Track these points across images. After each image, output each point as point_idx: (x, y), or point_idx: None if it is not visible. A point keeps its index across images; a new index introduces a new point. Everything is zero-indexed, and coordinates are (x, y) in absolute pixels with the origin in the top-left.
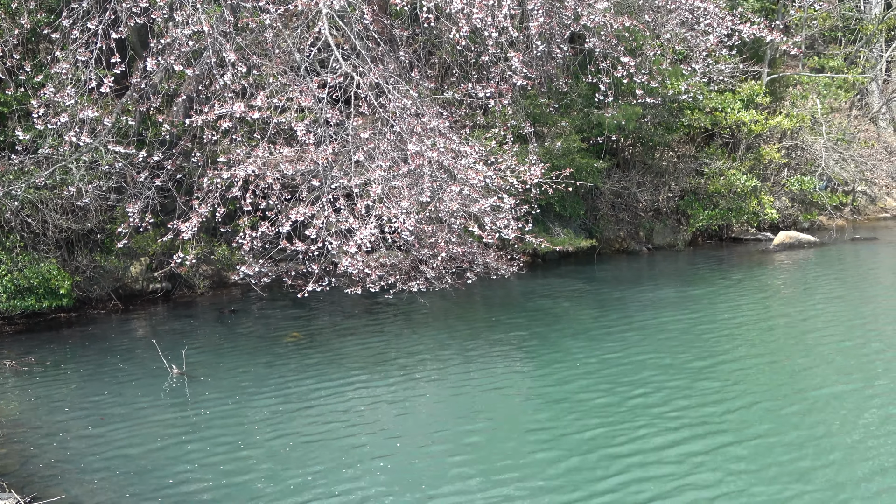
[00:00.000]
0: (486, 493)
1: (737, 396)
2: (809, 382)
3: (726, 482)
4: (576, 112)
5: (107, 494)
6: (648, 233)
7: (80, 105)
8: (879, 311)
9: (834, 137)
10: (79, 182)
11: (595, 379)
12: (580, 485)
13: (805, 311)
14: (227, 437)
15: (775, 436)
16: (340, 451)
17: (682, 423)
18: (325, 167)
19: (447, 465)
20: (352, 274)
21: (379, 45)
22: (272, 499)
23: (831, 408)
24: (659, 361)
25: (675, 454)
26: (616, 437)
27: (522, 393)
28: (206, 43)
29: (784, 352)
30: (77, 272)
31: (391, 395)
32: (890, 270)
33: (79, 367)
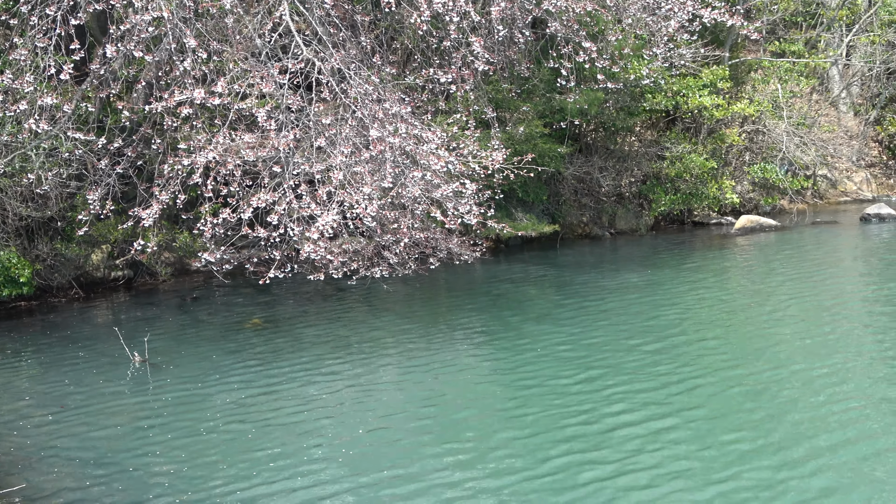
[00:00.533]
0: (446, 472)
1: (689, 378)
2: (762, 364)
3: (667, 462)
4: (538, 97)
5: (68, 482)
6: (611, 218)
7: (39, 92)
8: (837, 294)
9: (795, 122)
10: (38, 169)
11: (555, 362)
12: (535, 464)
13: (764, 295)
14: (188, 425)
15: (722, 416)
16: (303, 437)
17: (633, 404)
18: (287, 153)
19: (409, 447)
20: (314, 260)
21: (340, 31)
22: (234, 485)
23: (780, 388)
24: (619, 345)
25: (623, 434)
26: (570, 417)
27: (483, 376)
28: (165, 29)
29: (740, 334)
30: (37, 260)
31: (353, 381)
32: (849, 254)
33: (39, 356)
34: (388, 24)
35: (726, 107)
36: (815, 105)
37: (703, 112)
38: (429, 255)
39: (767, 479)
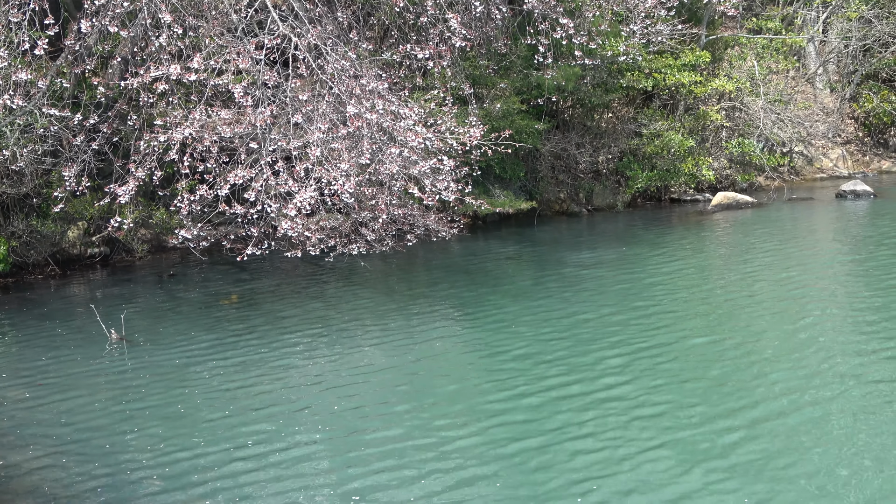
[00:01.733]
0: (422, 440)
1: (659, 346)
2: (732, 334)
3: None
4: (515, 74)
5: (45, 460)
6: (588, 194)
7: (13, 67)
8: (812, 270)
9: (772, 99)
10: (13, 146)
11: (530, 336)
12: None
13: (739, 270)
14: (165, 401)
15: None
16: (280, 411)
17: (604, 372)
18: (264, 130)
19: (385, 415)
20: (291, 237)
21: (317, 7)
22: (211, 461)
23: (748, 356)
24: (593, 318)
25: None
26: (544, 388)
27: (459, 350)
28: (141, 4)
29: (713, 308)
30: (13, 237)
31: (330, 355)
32: (825, 230)
33: (16, 333)
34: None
35: (705, 84)
36: (791, 82)
37: (680, 89)
38: (406, 231)
39: (722, 440)
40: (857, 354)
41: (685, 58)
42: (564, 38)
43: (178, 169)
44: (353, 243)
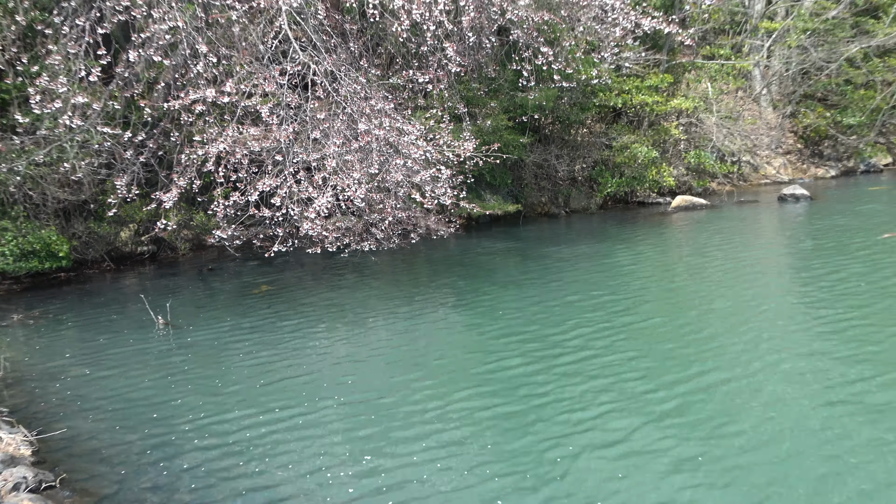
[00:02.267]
0: (421, 404)
1: (626, 326)
2: (688, 314)
3: (589, 392)
4: (503, 95)
5: (101, 427)
6: (566, 198)
7: (72, 92)
8: (755, 259)
9: (723, 115)
10: (73, 159)
11: (517, 319)
12: (492, 392)
13: (694, 262)
14: (204, 375)
15: (643, 350)
16: (301, 382)
17: (576, 346)
18: (287, 144)
19: (391, 384)
20: (312, 236)
21: (332, 38)
22: (243, 424)
23: (686, 332)
24: (570, 303)
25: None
26: (522, 361)
27: (456, 331)
28: (181, 37)
29: (673, 293)
30: (74, 237)
31: (346, 336)
32: (768, 227)
33: (77, 319)
34: (373, 31)
35: (665, 103)
36: (740, 101)
37: (644, 107)
38: (410, 231)
39: (671, 403)
40: (791, 329)
41: (649, 80)
42: (545, 65)
43: (214, 178)
44: (365, 241)
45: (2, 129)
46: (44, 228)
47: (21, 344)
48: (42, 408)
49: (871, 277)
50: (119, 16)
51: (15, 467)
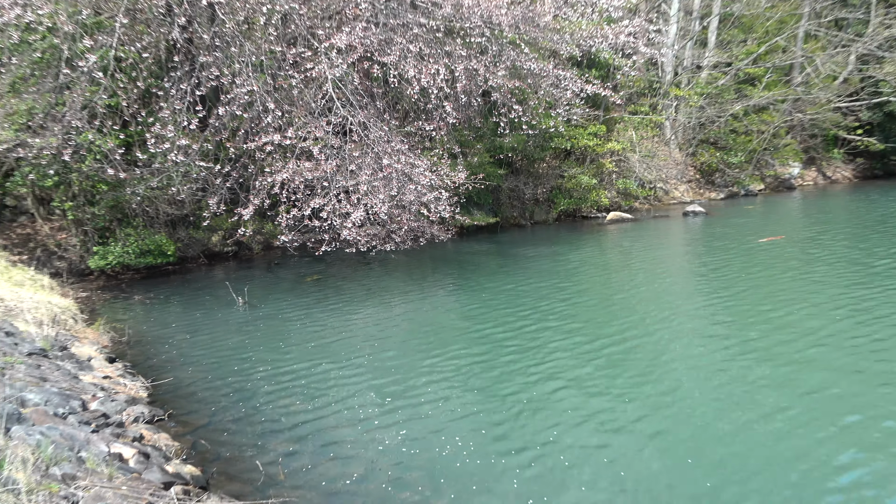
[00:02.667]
0: (425, 362)
1: (576, 302)
2: (611, 296)
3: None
4: (486, 139)
5: (197, 376)
6: (531, 213)
7: (177, 136)
8: (667, 256)
9: (643, 154)
10: (178, 185)
11: (497, 300)
12: (481, 358)
13: (621, 258)
14: (272, 339)
15: (592, 322)
16: (340, 345)
17: (542, 320)
18: (331, 174)
19: (407, 349)
20: (349, 240)
21: (364, 98)
22: (299, 375)
23: (617, 308)
24: (534, 289)
25: (536, 342)
26: (501, 329)
27: (452, 308)
28: (255, 97)
29: (607, 278)
30: (178, 241)
31: (373, 312)
32: (675, 234)
33: (180, 299)
34: (393, 94)
35: (602, 145)
36: (655, 144)
37: (587, 148)
38: (419, 236)
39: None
40: (690, 303)
41: (590, 129)
42: (516, 118)
43: (279, 198)
44: (387, 243)
45: (127, 163)
46: (157, 234)
47: (140, 316)
48: (155, 362)
49: (749, 269)
50: (211, 82)
51: (135, 405)
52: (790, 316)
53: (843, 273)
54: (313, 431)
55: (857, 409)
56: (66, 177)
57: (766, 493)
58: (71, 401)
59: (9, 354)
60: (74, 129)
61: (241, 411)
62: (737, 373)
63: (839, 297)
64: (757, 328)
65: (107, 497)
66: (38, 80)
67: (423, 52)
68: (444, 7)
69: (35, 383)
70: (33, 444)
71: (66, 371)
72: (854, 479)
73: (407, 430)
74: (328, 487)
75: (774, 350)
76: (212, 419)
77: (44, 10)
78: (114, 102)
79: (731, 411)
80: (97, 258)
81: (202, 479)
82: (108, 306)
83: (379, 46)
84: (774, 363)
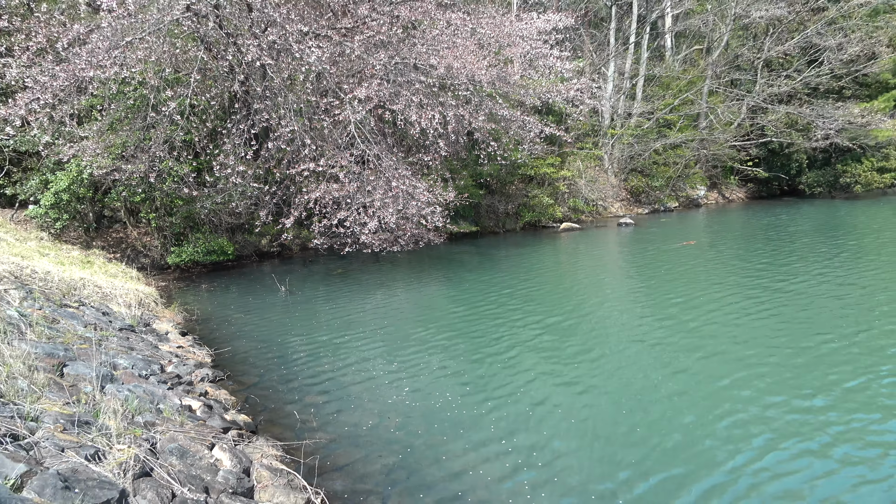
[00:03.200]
0: (426, 342)
1: (537, 289)
2: (564, 287)
3: (526, 333)
4: (470, 168)
5: (249, 346)
6: (503, 223)
7: (236, 164)
8: (604, 256)
9: (588, 179)
10: (236, 201)
11: (478, 289)
12: (466, 334)
13: (569, 257)
14: (307, 319)
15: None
16: (360, 323)
17: (513, 302)
18: (353, 194)
19: (409, 327)
20: (366, 243)
21: (378, 136)
22: (328, 345)
23: (569, 298)
24: (507, 280)
25: (509, 323)
26: (481, 311)
27: (443, 293)
28: (296, 135)
29: (559, 273)
30: (236, 243)
31: (383, 298)
32: (612, 239)
33: (237, 288)
34: (400, 133)
35: (557, 172)
36: (597, 172)
37: (546, 175)
38: (419, 240)
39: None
40: (623, 292)
41: (548, 160)
42: (493, 152)
43: (313, 211)
44: (394, 246)
45: (197, 184)
46: (219, 238)
47: (206, 301)
48: (217, 336)
49: (664, 264)
50: (263, 124)
51: (202, 368)
52: (694, 298)
53: (733, 267)
54: (337, 388)
55: (740, 368)
56: (151, 194)
57: (668, 423)
58: (152, 365)
59: (105, 329)
60: (158, 158)
61: (283, 373)
62: (651, 341)
63: (729, 283)
64: (668, 308)
65: (179, 439)
66: (130, 121)
67: (423, 102)
68: (438, 68)
69: (124, 352)
70: (122, 399)
71: (149, 342)
72: (731, 422)
73: (409, 386)
74: (349, 431)
75: (680, 323)
76: (260, 379)
77: (136, 68)
78: (188, 138)
79: (646, 370)
80: (174, 256)
81: (252, 425)
82: (182, 293)
83: (389, 97)
84: (681, 333)
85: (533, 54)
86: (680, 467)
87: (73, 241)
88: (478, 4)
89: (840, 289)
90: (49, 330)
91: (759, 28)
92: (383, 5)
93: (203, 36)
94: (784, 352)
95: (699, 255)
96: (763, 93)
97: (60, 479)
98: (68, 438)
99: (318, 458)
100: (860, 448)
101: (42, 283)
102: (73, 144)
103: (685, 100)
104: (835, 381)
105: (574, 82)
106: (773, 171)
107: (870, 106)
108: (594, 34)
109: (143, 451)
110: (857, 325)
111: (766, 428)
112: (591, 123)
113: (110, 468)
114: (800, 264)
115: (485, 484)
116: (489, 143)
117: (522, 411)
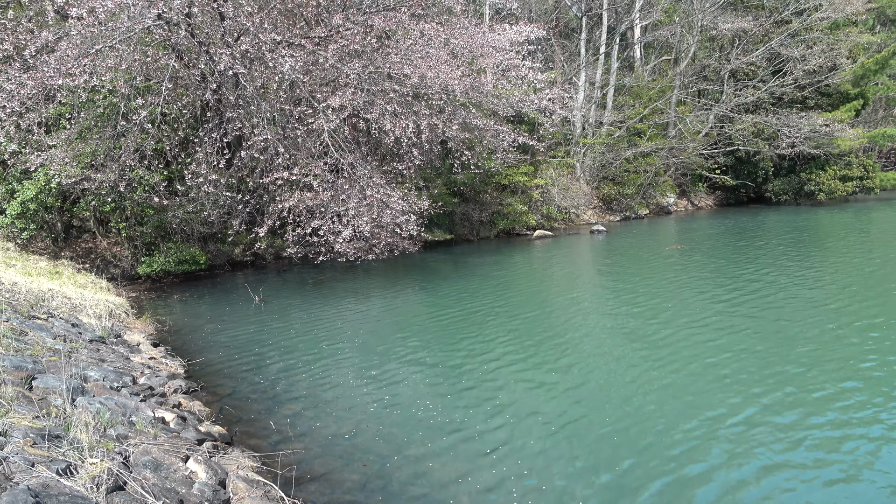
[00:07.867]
0: (407, 340)
1: (513, 291)
2: (538, 290)
3: (504, 322)
4: (444, 176)
5: (223, 357)
6: (478, 231)
7: (208, 173)
8: (577, 261)
9: (561, 187)
10: (208, 210)
11: (454, 295)
12: (445, 332)
13: (543, 262)
14: (282, 328)
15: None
16: (335, 332)
17: (489, 304)
18: (327, 203)
19: (386, 330)
20: (340, 252)
21: (352, 145)
22: (304, 354)
23: (544, 298)
24: (481, 287)
25: (489, 322)
26: (456, 314)
27: (418, 301)
28: (269, 143)
29: (532, 278)
30: (208, 252)
31: (359, 306)
32: (585, 246)
33: (210, 297)
34: (374, 142)
35: (530, 181)
36: (569, 180)
37: (519, 183)
38: (394, 248)
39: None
40: (599, 293)
41: (521, 169)
42: (467, 160)
43: (287, 220)
44: (369, 254)
45: (169, 193)
46: (191, 247)
47: (178, 311)
48: (190, 346)
49: (635, 268)
50: (235, 132)
51: (174, 380)
52: (661, 296)
53: (700, 268)
54: (313, 398)
55: (701, 360)
56: (121, 203)
57: (638, 410)
58: (123, 377)
59: (75, 341)
60: (128, 167)
61: (258, 383)
62: (621, 337)
63: (695, 283)
64: (638, 307)
65: (152, 451)
66: (100, 130)
67: (397, 111)
68: (412, 78)
69: (95, 363)
70: (94, 412)
71: (120, 354)
72: (705, 429)
73: (386, 395)
74: (326, 441)
75: (649, 321)
76: (235, 389)
77: (106, 77)
78: (159, 147)
79: (618, 367)
80: (144, 266)
81: (228, 436)
82: (153, 303)
83: (364, 106)
84: (649, 327)
85: (505, 65)
86: (651, 470)
87: (40, 251)
88: (451, 16)
89: (810, 291)
90: (17, 342)
91: (726, 39)
92: (357, 15)
93: (175, 44)
94: (756, 356)
95: (666, 256)
96: (730, 102)
97: (31, 494)
98: (38, 453)
99: (295, 469)
100: (828, 453)
101: (9, 295)
102: (40, 153)
103: (654, 109)
104: (802, 383)
105: (546, 92)
106: (741, 178)
107: (832, 116)
108: (565, 45)
109: (117, 465)
110: (820, 325)
111: (742, 435)
112: (563, 132)
113: (83, 482)
114: (767, 269)
115: (466, 492)
116: (463, 152)
117: (501, 419)
